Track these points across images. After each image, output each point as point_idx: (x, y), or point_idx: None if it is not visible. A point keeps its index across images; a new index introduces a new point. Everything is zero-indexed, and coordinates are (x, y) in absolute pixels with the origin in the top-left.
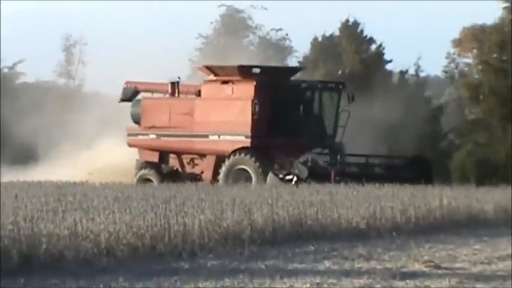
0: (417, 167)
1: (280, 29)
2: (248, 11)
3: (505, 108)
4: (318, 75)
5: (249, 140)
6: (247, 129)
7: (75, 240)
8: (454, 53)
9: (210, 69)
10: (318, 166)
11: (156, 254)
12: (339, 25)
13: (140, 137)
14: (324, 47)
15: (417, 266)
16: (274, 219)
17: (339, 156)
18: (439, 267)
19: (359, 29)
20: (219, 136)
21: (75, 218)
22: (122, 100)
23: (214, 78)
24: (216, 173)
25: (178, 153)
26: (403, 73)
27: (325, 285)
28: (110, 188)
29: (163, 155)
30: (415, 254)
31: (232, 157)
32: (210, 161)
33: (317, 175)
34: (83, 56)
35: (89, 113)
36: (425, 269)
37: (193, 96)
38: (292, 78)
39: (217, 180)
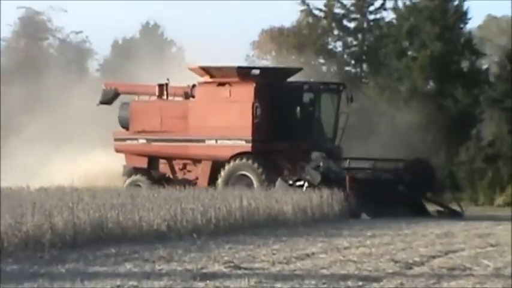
0: (419, 171)
1: (81, 32)
2: (47, 13)
3: None
4: (118, 78)
5: (249, 145)
6: (248, 133)
7: None
8: (253, 55)
9: (205, 70)
10: (331, 171)
11: None
12: (139, 27)
13: (129, 142)
14: (125, 50)
15: (217, 267)
16: (75, 222)
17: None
18: (239, 268)
19: (159, 32)
20: (216, 141)
21: None
22: (102, 103)
23: (210, 79)
24: (212, 179)
25: (169, 159)
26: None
27: None
28: None
29: (153, 160)
30: (215, 255)
31: (232, 163)
32: (206, 166)
33: (330, 181)
34: None
35: None
36: (225, 270)
37: (181, 98)
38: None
39: (215, 187)
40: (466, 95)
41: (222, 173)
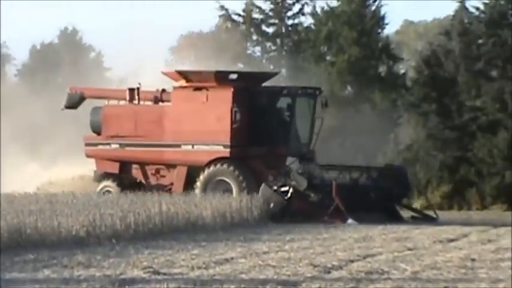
0: (394, 177)
1: None
2: None
3: None
4: (37, 83)
5: (228, 150)
6: (226, 138)
7: None
8: (172, 60)
9: (182, 74)
10: (316, 177)
11: None
12: (58, 33)
13: (101, 146)
14: (43, 55)
15: (136, 272)
16: None
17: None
18: (158, 273)
19: (78, 37)
20: (192, 146)
21: None
22: (67, 107)
23: (186, 84)
24: (187, 184)
25: (143, 164)
26: (122, 80)
27: None
28: None
29: (124, 165)
30: (134, 261)
31: (210, 168)
32: (181, 172)
33: (315, 186)
34: None
35: None
36: (144, 275)
37: (150, 103)
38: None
39: (191, 192)
40: (384, 99)
41: (200, 179)
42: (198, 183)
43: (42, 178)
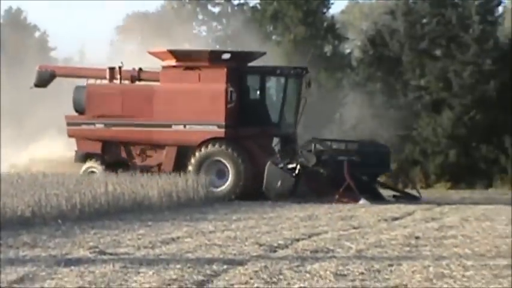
0: (376, 152)
1: None
2: None
3: None
4: None
5: (222, 130)
6: (221, 118)
7: None
8: (118, 40)
9: (173, 53)
10: (324, 154)
11: None
12: (1, 13)
13: (84, 126)
14: None
15: (82, 252)
16: None
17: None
18: (104, 253)
19: (22, 16)
20: (184, 126)
21: None
22: (36, 86)
23: (175, 63)
24: (177, 165)
25: (127, 144)
26: (67, 60)
27: None
28: None
29: (108, 145)
30: (80, 241)
31: (204, 148)
32: (171, 152)
33: (324, 162)
34: None
35: None
36: (90, 255)
37: (127, 82)
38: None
39: (182, 172)
40: (329, 79)
41: (193, 159)
42: (192, 164)
43: (15, 158)
